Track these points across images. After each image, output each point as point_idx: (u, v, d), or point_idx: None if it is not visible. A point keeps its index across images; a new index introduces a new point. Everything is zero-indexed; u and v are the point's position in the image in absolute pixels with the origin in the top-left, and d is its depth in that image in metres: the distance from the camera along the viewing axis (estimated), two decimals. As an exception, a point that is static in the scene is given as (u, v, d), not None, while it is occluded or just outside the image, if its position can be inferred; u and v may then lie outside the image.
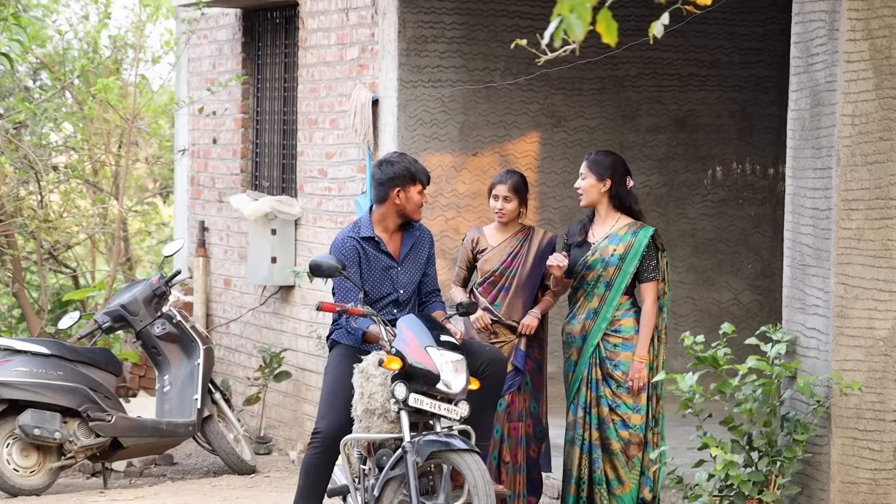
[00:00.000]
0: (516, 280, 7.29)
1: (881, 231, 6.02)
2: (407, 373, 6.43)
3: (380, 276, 6.92)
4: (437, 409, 6.43)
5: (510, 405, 7.27)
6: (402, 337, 6.51)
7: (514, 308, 7.30)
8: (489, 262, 7.35)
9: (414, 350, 6.45)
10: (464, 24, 9.42)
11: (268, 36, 11.41)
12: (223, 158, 11.90)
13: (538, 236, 7.36)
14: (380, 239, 6.93)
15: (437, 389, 6.42)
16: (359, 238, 6.91)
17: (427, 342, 6.46)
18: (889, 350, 6.05)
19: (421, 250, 7.02)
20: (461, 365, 6.48)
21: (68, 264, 14.45)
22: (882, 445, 6.05)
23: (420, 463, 6.30)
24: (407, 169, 6.87)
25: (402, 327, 6.55)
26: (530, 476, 7.31)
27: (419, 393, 6.42)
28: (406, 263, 6.97)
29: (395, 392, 6.40)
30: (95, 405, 9.30)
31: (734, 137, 10.12)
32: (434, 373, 6.42)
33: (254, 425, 11.05)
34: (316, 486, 6.81)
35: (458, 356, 6.49)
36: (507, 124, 9.58)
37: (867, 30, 5.96)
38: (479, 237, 7.42)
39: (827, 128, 6.07)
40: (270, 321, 11.13)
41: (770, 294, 10.04)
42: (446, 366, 6.44)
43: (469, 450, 6.31)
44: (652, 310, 6.99)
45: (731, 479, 6.11)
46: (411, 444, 6.33)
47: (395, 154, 7.03)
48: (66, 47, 14.02)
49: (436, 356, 6.43)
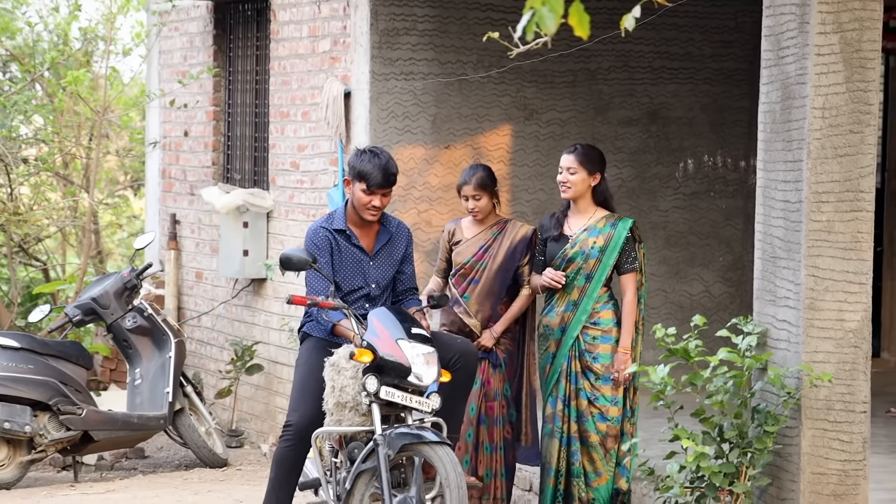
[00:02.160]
0: (486, 273, 7.31)
1: (851, 223, 6.04)
2: (378, 365, 6.42)
3: (351, 269, 6.89)
4: (408, 402, 6.42)
5: (486, 384, 7.31)
6: (374, 329, 6.50)
7: (483, 301, 7.32)
8: (461, 255, 7.38)
9: (385, 343, 6.44)
10: (436, 16, 9.42)
11: (239, 28, 11.37)
12: (195, 151, 11.86)
13: (513, 230, 7.36)
14: (351, 232, 6.90)
15: (409, 382, 6.42)
16: (331, 230, 6.90)
17: (398, 335, 6.46)
18: (859, 342, 6.08)
19: (396, 247, 6.98)
20: (432, 357, 6.48)
21: (38, 257, 14.38)
22: (852, 437, 6.08)
23: (392, 455, 6.30)
24: (357, 165, 6.82)
25: (373, 320, 6.55)
26: (506, 458, 7.33)
27: (390, 386, 6.42)
28: (379, 258, 6.94)
29: (366, 385, 6.39)
30: (66, 398, 9.26)
31: (706, 130, 10.15)
32: (405, 365, 6.41)
33: (225, 418, 11.03)
34: (287, 478, 6.80)
35: (429, 348, 6.48)
36: (480, 117, 9.58)
37: (837, 23, 5.98)
38: (456, 229, 7.45)
39: (797, 120, 6.09)
40: (242, 314, 11.11)
41: (741, 286, 10.07)
42: (417, 358, 6.43)
43: (440, 442, 6.31)
44: (633, 301, 7.01)
45: (703, 470, 6.13)
46: (383, 436, 6.33)
47: (373, 148, 6.95)
48: (35, 39, 13.94)
49: (407, 349, 6.43)
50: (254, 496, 8.45)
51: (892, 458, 7.81)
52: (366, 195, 6.81)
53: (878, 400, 8.51)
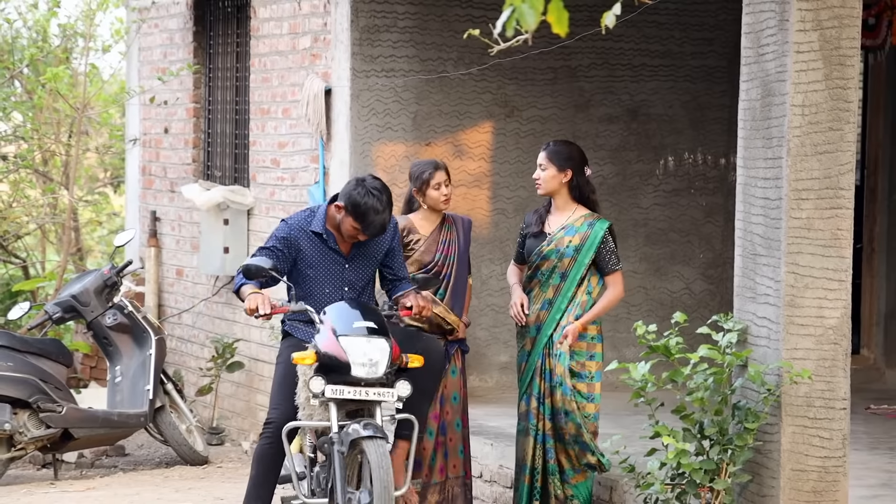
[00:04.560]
0: (455, 268, 7.33)
1: (831, 220, 6.06)
2: (324, 364, 6.42)
3: (325, 271, 6.84)
4: (360, 396, 6.40)
5: (462, 372, 7.35)
6: (322, 328, 6.50)
7: (457, 295, 7.33)
8: (427, 253, 7.32)
9: (328, 341, 6.43)
10: (416, 13, 9.41)
11: (219, 25, 11.35)
12: (175, 148, 11.83)
13: (458, 221, 7.41)
14: (329, 235, 6.84)
15: (354, 377, 6.38)
16: (308, 230, 6.85)
17: (342, 330, 6.42)
18: (839, 339, 6.09)
19: (377, 244, 6.89)
20: (381, 348, 6.41)
21: (18, 254, 14.34)
22: (832, 433, 6.10)
23: (345, 452, 6.30)
24: (357, 203, 6.61)
25: (324, 318, 6.53)
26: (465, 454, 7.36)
27: (339, 383, 6.39)
28: (355, 260, 6.88)
29: (311, 386, 6.39)
30: (46, 396, 9.23)
31: (686, 127, 10.16)
32: (343, 360, 6.37)
33: (206, 416, 11.01)
34: (268, 475, 6.80)
35: (377, 339, 6.41)
36: (461, 114, 9.58)
37: (817, 20, 6.00)
38: (409, 227, 7.33)
39: (777, 118, 6.10)
40: (223, 311, 11.09)
41: (721, 283, 10.09)
42: (360, 352, 6.37)
43: (373, 436, 6.27)
44: (617, 295, 7.00)
45: (683, 467, 6.14)
46: (337, 434, 6.34)
47: (374, 190, 6.67)
48: (14, 36, 13.90)
49: (346, 344, 6.39)
50: (234, 493, 8.44)
51: (872, 455, 7.83)
52: (355, 230, 6.74)
53: (858, 396, 8.54)
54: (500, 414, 8.66)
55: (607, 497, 7.17)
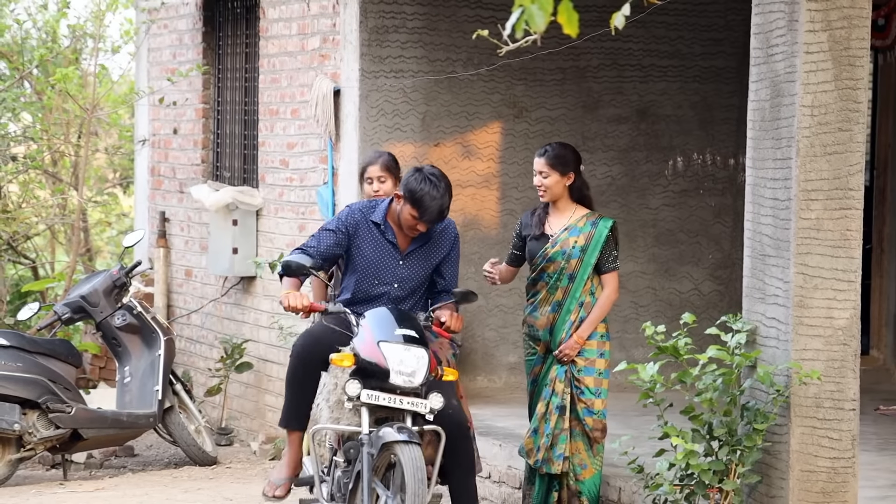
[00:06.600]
0: None
1: (840, 221, 6.05)
2: (362, 369, 6.39)
3: (376, 263, 6.76)
4: (395, 404, 6.33)
5: None
6: (361, 332, 6.47)
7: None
8: None
9: (367, 346, 6.38)
10: (425, 14, 9.41)
11: (228, 25, 11.36)
12: (184, 149, 11.84)
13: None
14: (388, 227, 6.77)
15: (392, 384, 6.33)
16: (368, 220, 6.79)
17: (381, 336, 6.37)
18: (848, 339, 6.09)
19: (435, 248, 6.81)
20: (419, 357, 6.38)
21: (27, 255, 14.36)
22: (841, 434, 6.09)
23: (374, 455, 6.25)
24: (415, 191, 6.59)
25: (363, 322, 6.51)
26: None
27: (376, 389, 6.36)
28: (411, 258, 6.79)
29: (346, 389, 6.35)
30: (55, 397, 9.25)
31: (695, 128, 10.16)
32: (383, 367, 6.32)
33: (215, 416, 11.02)
34: (303, 395, 6.72)
35: (415, 348, 6.39)
36: (469, 115, 9.58)
37: (826, 21, 5.99)
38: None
39: (786, 118, 6.09)
40: (232, 312, 11.10)
41: (730, 284, 10.09)
42: (397, 360, 6.33)
43: (409, 441, 6.19)
44: (610, 297, 7.00)
45: (692, 468, 6.13)
46: (367, 436, 6.30)
47: (432, 175, 6.64)
48: (24, 37, 13.92)
49: (387, 350, 6.34)
50: (243, 494, 8.44)
51: (881, 456, 7.82)
52: (413, 219, 6.68)
53: (867, 397, 8.53)
54: (508, 415, 8.65)
55: (616, 498, 7.16)
